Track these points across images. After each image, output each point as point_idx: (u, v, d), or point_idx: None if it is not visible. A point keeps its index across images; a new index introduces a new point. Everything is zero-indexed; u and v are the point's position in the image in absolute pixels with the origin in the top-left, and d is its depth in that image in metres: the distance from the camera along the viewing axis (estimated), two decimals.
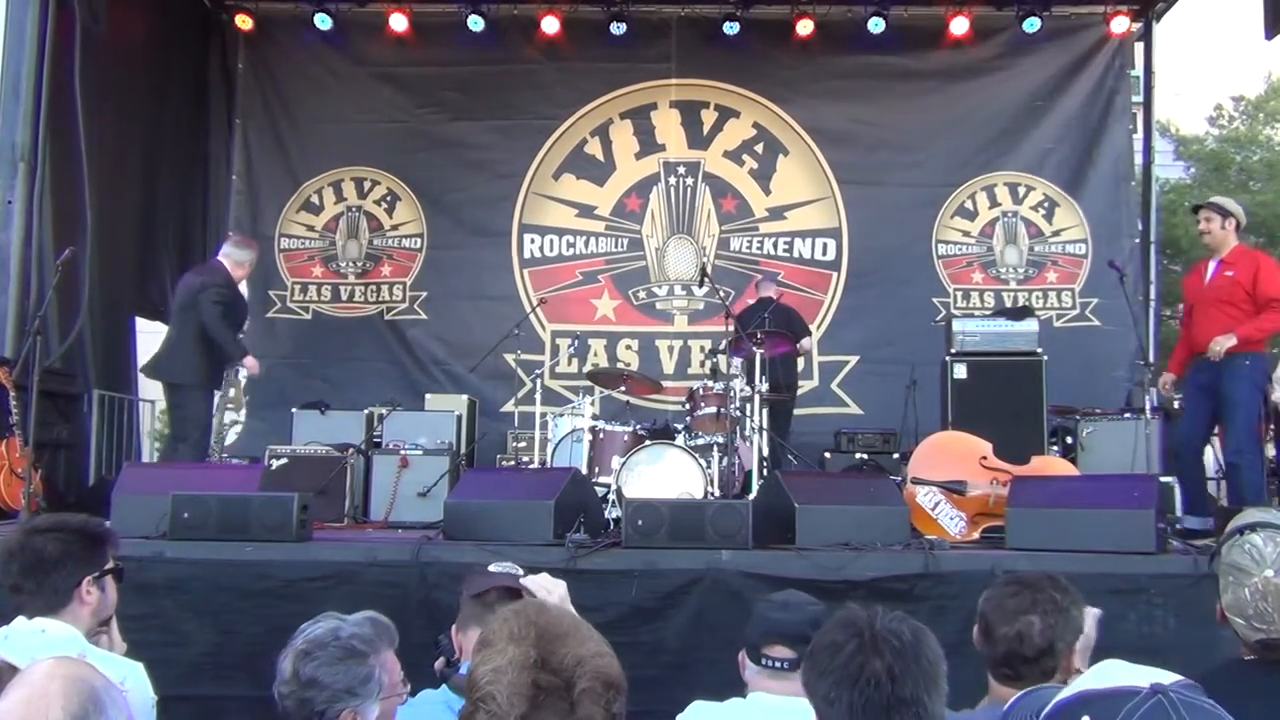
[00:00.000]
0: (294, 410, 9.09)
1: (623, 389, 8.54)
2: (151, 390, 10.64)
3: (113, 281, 9.10)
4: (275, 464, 7.87)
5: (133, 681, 2.62)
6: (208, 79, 11.12)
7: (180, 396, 7.71)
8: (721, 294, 8.88)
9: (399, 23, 10.88)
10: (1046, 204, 10.96)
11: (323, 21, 10.78)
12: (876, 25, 10.57)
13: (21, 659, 2.11)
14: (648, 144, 11.14)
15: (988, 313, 9.64)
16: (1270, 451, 10.37)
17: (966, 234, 10.97)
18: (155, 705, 2.73)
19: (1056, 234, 10.92)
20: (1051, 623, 2.57)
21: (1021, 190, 10.98)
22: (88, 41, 8.41)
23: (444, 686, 2.64)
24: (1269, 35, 8.66)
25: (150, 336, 10.32)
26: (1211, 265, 6.49)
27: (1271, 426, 10.30)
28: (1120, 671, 1.51)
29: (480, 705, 1.64)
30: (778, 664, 2.70)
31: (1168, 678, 1.45)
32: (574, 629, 1.77)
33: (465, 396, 9.74)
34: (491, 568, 3.29)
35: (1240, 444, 6.35)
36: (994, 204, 10.99)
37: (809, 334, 9.71)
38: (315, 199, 11.14)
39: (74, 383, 8.42)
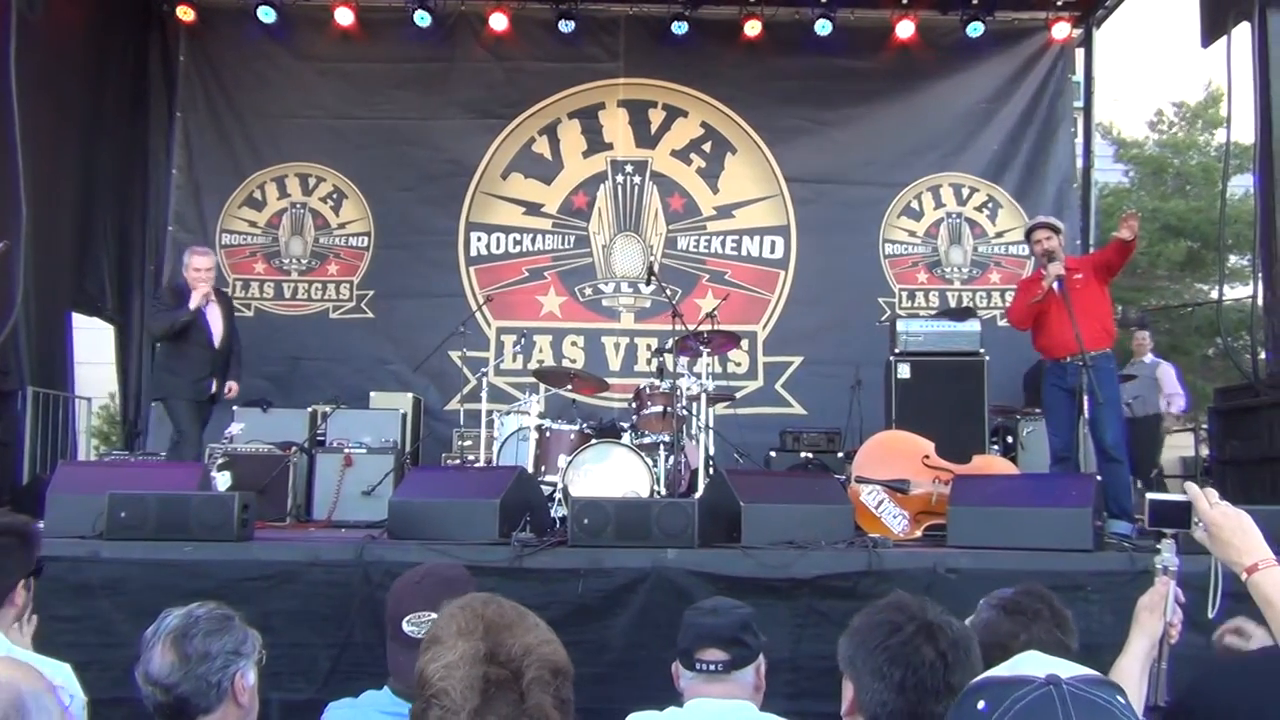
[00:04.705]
0: (235, 408, 8.96)
1: (569, 388, 8.50)
2: (88, 388, 10.45)
3: (49, 276, 8.90)
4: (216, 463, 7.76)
5: (61, 681, 2.56)
6: (148, 71, 10.90)
7: None
8: (669, 292, 8.88)
9: (344, 17, 10.77)
10: (990, 205, 11.11)
11: (266, 15, 10.65)
12: (824, 27, 10.68)
13: None
14: (595, 143, 11.13)
15: (931, 313, 9.76)
16: (1204, 451, 10.66)
17: (912, 234, 11.09)
18: (86, 707, 2.67)
19: (1000, 235, 11.07)
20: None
21: (966, 191, 11.12)
22: (24, 30, 8.21)
23: (386, 688, 2.59)
24: (1204, 43, 8.85)
25: (87, 332, 10.12)
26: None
27: (1204, 428, 10.59)
28: (1031, 662, 1.52)
29: (433, 701, 1.65)
30: (712, 666, 2.71)
31: (1071, 670, 1.46)
32: (519, 619, 1.80)
33: (410, 395, 9.67)
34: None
35: (1119, 439, 6.54)
36: (939, 204, 11.12)
37: None
38: (258, 194, 10.99)
39: (8, 379, 8.21)
